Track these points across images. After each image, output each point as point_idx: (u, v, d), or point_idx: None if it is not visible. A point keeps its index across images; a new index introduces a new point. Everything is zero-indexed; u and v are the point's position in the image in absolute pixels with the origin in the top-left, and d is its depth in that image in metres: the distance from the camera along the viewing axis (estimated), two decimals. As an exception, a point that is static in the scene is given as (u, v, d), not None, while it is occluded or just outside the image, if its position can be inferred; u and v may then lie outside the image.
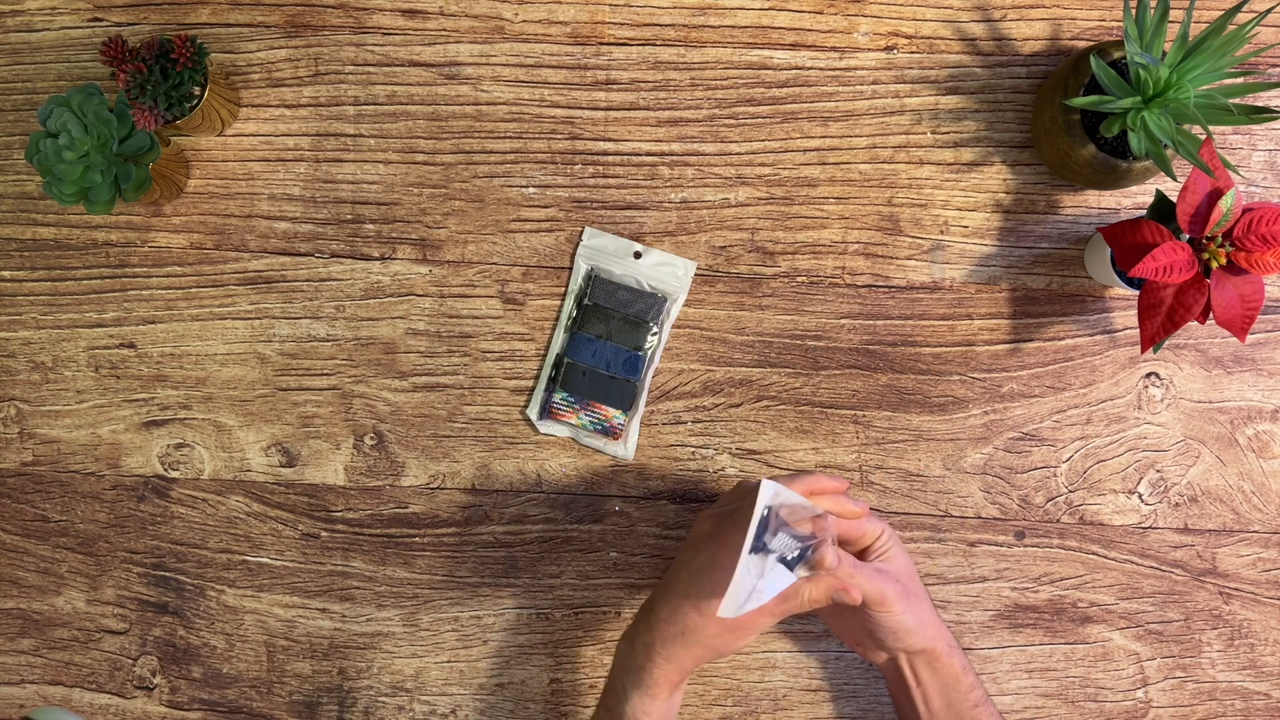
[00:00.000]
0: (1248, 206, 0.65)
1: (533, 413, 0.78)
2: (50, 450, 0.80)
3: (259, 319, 0.80)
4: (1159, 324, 0.67)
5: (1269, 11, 0.69)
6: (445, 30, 0.79)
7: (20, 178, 0.80)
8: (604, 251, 0.78)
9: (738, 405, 0.79)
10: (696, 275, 0.79)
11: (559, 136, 0.79)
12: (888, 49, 0.79)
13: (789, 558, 0.62)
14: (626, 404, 0.78)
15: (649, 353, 0.78)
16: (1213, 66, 0.66)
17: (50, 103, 0.72)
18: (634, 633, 0.67)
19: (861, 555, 0.68)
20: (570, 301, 0.78)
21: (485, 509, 0.80)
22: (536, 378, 0.79)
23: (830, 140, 0.79)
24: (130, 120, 0.72)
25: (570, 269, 0.79)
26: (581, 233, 0.78)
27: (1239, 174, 0.73)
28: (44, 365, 0.80)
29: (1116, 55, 0.72)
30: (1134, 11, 0.68)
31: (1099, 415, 0.78)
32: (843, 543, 0.68)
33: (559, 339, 0.78)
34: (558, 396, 0.78)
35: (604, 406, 0.78)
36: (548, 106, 0.79)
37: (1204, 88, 0.67)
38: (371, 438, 0.80)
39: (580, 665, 0.80)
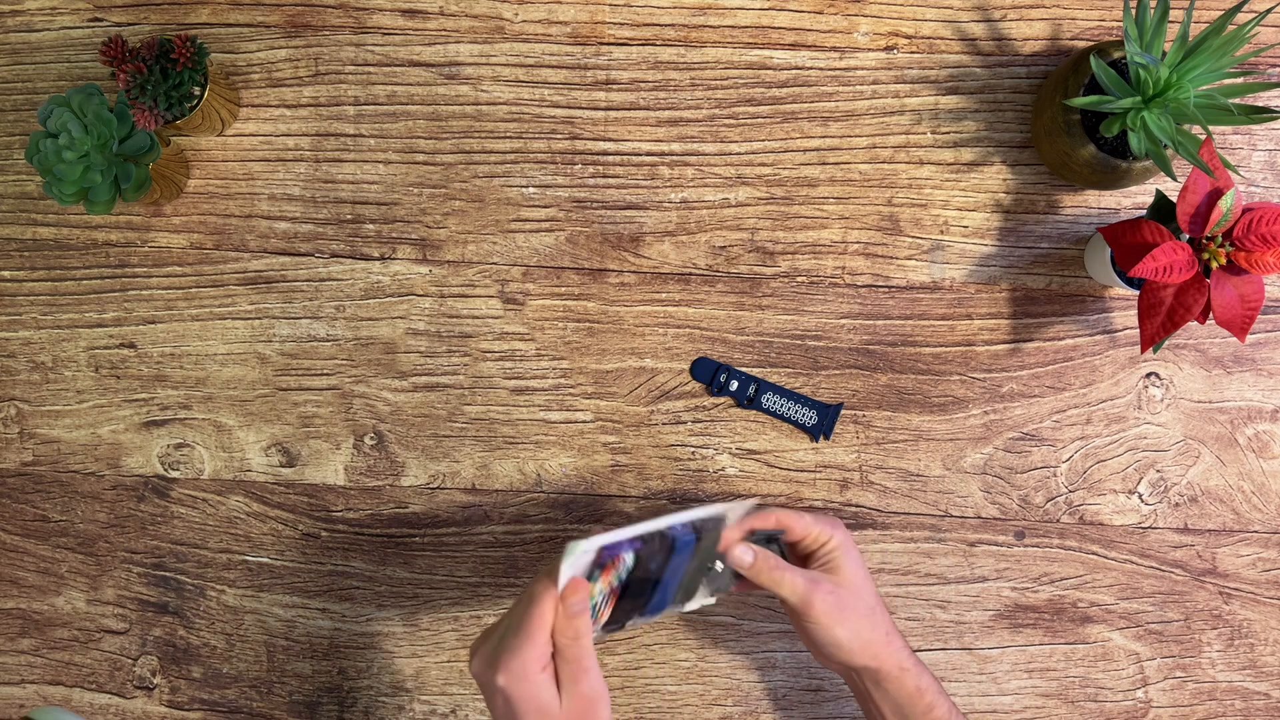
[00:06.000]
0: (1248, 206, 0.65)
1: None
2: (50, 450, 0.80)
3: (259, 319, 0.80)
4: (1159, 324, 0.67)
5: (1269, 11, 0.69)
6: (445, 30, 0.79)
7: (20, 178, 0.80)
8: None
9: (738, 405, 0.79)
10: (696, 275, 0.78)
11: (559, 136, 0.79)
12: (888, 49, 0.79)
13: (712, 567, 0.65)
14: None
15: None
16: (1213, 66, 0.66)
17: (50, 103, 0.72)
18: None
19: (807, 559, 0.68)
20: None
21: (485, 509, 0.80)
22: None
23: (830, 140, 0.79)
24: (130, 120, 0.72)
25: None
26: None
27: (1239, 174, 0.73)
28: (44, 365, 0.80)
29: (1116, 55, 0.72)
30: (1134, 11, 0.68)
31: (1099, 415, 0.78)
32: (795, 545, 0.68)
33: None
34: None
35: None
36: (548, 106, 0.79)
37: (1204, 88, 0.67)
38: (371, 438, 0.80)
39: (580, 665, 0.80)
